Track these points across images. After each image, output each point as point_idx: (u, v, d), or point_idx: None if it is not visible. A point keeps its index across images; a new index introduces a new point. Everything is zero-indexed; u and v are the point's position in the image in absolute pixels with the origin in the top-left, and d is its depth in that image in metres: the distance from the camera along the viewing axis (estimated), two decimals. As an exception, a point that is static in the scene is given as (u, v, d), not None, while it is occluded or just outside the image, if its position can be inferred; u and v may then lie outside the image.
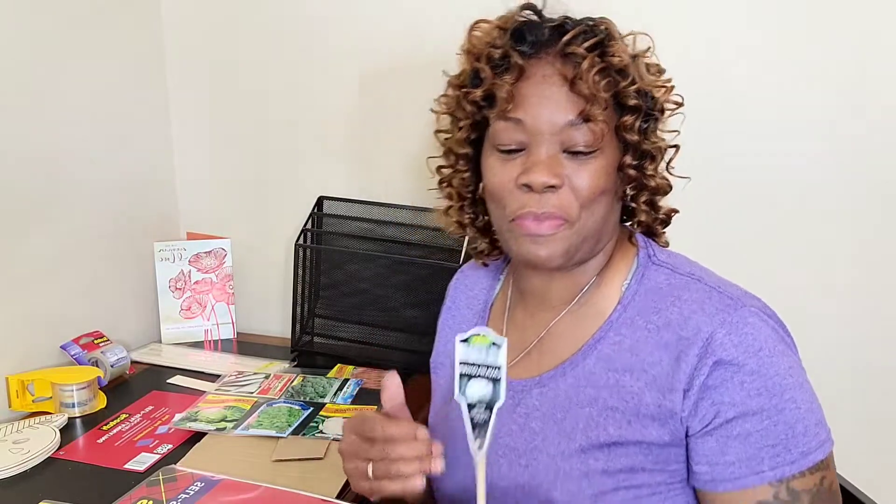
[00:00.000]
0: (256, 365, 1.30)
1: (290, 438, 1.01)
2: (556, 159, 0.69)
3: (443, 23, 1.26)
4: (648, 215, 0.77)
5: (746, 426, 0.65)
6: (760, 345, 0.66)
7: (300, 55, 1.37)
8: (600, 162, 0.69)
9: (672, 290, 0.72)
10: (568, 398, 0.73)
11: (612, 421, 0.69)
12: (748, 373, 0.65)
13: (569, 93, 0.68)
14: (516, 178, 0.69)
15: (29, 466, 0.94)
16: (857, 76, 1.10)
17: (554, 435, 0.72)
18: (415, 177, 1.35)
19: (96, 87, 1.27)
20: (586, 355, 0.73)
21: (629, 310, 0.73)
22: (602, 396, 0.71)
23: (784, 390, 0.66)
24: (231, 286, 1.47)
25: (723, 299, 0.69)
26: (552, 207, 0.68)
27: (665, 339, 0.69)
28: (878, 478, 0.93)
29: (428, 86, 1.29)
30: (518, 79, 0.69)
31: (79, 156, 1.25)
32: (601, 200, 0.70)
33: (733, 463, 0.66)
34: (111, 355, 1.21)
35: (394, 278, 1.30)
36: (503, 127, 0.70)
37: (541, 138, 0.69)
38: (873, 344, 1.17)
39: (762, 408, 0.65)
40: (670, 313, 0.70)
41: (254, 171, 1.47)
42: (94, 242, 1.30)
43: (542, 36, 0.70)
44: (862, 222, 1.14)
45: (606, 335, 0.73)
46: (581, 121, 0.67)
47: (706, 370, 0.66)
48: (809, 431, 0.66)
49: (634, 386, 0.69)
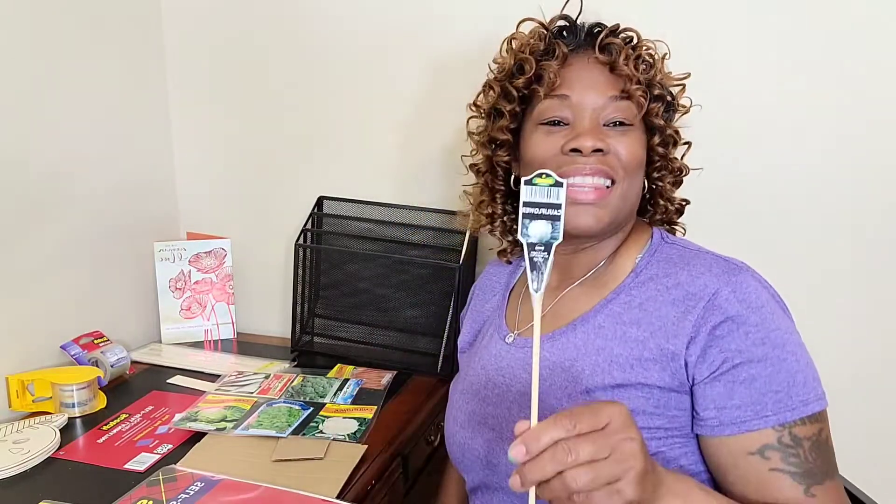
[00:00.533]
0: (256, 365, 1.30)
1: (290, 438, 1.01)
2: (601, 130, 0.78)
3: (444, 24, 1.27)
4: (668, 201, 0.87)
5: (752, 371, 0.70)
6: (762, 303, 0.72)
7: (300, 55, 1.37)
8: (635, 138, 0.79)
9: (682, 259, 0.79)
10: (576, 348, 0.79)
11: (616, 366, 0.75)
12: (752, 324, 0.71)
13: (609, 75, 0.79)
14: (562, 146, 0.77)
15: (29, 466, 0.94)
16: (860, 75, 1.10)
17: (561, 380, 0.77)
18: (415, 177, 1.35)
19: (96, 87, 1.28)
20: (597, 313, 0.80)
21: (641, 276, 0.80)
22: (609, 346, 0.77)
23: (785, 343, 0.71)
24: (231, 286, 1.48)
25: (728, 265, 0.76)
26: (601, 164, 0.76)
27: (673, 296, 0.76)
28: (879, 478, 0.93)
29: (428, 86, 1.30)
30: (562, 64, 0.80)
31: (79, 156, 1.25)
32: (638, 172, 0.80)
33: (739, 406, 0.70)
34: (111, 355, 1.21)
35: (394, 278, 1.30)
36: (549, 104, 0.80)
37: (584, 112, 0.78)
38: (876, 345, 1.17)
39: (766, 356, 0.70)
40: (680, 276, 0.77)
41: (254, 171, 1.47)
42: (94, 242, 1.30)
43: (581, 35, 0.84)
44: (864, 224, 1.14)
45: (618, 297, 0.80)
46: (621, 97, 0.78)
47: (713, 321, 0.71)
48: (808, 384, 0.70)
49: (639, 335, 0.76)
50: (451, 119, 1.28)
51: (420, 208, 1.32)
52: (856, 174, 1.13)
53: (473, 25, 1.24)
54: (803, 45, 1.11)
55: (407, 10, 1.28)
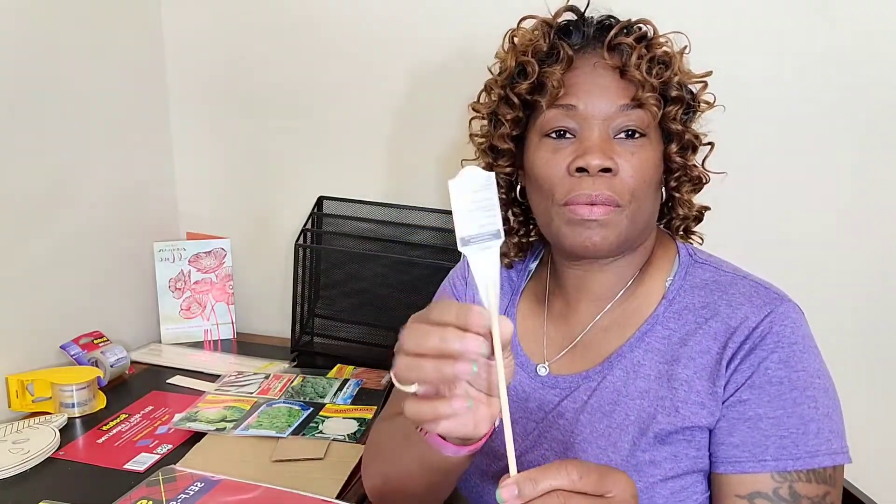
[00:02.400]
0: (256, 365, 1.30)
1: (290, 438, 1.01)
2: (610, 143, 0.70)
3: (444, 22, 1.27)
4: (687, 209, 0.79)
5: (759, 410, 0.65)
6: (796, 339, 0.67)
7: (300, 54, 1.37)
8: (648, 150, 0.71)
9: (718, 285, 0.73)
10: (616, 391, 0.73)
11: (661, 410, 0.70)
12: (776, 360, 0.66)
13: (619, 80, 0.71)
14: (569, 164, 0.70)
15: (29, 466, 0.94)
16: (868, 74, 1.10)
17: (603, 427, 0.72)
18: (415, 177, 1.35)
19: (96, 87, 1.27)
20: (633, 348, 0.74)
21: (675, 304, 0.74)
22: (652, 388, 0.71)
23: (807, 387, 0.66)
24: (231, 286, 1.47)
25: (769, 294, 0.70)
26: (606, 190, 0.69)
27: (714, 329, 0.70)
28: (879, 478, 0.93)
29: (429, 86, 1.30)
30: (567, 69, 0.72)
31: (79, 156, 1.25)
32: (649, 190, 0.72)
33: (737, 445, 0.66)
34: (111, 355, 1.21)
35: (394, 278, 1.30)
36: (554, 114, 0.72)
37: (593, 122, 0.70)
38: (878, 345, 1.17)
39: (780, 395, 0.65)
40: (718, 305, 0.71)
41: (254, 172, 1.47)
42: (94, 242, 1.30)
43: (589, 32, 0.74)
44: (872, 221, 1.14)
45: (653, 328, 0.74)
46: (632, 106, 0.70)
47: (742, 354, 0.67)
48: (822, 435, 0.65)
49: (683, 374, 0.70)
50: (452, 118, 1.28)
51: (420, 208, 1.32)
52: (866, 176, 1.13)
53: (475, 23, 1.23)
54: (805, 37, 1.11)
55: (407, 8, 1.28)
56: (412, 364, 0.53)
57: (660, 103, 0.71)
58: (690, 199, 0.78)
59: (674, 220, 0.80)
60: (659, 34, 0.75)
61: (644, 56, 0.71)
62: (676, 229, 0.81)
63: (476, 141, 0.84)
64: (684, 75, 0.74)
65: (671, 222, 0.81)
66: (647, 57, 0.71)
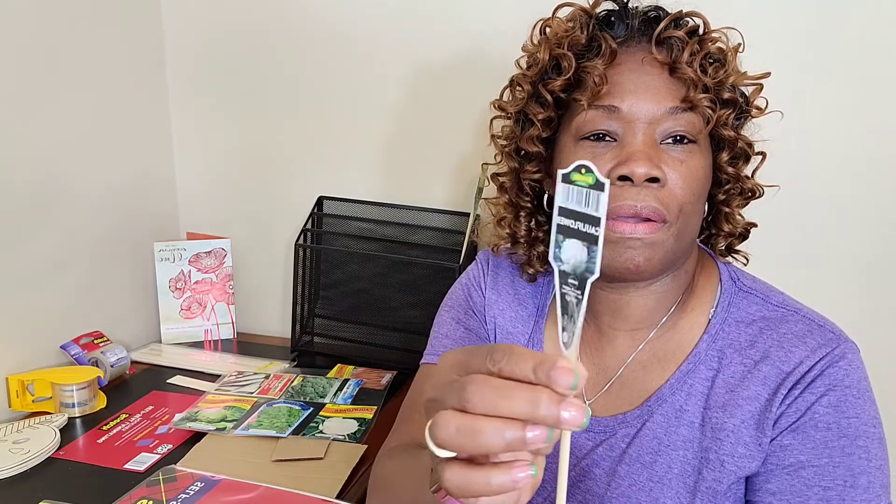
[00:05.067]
0: (256, 365, 1.30)
1: (290, 438, 1.01)
2: (657, 150, 0.62)
3: (445, 22, 1.27)
4: (734, 225, 0.70)
5: (801, 458, 0.60)
6: (851, 382, 0.61)
7: (300, 54, 1.37)
8: (699, 159, 0.63)
9: (768, 322, 0.66)
10: (657, 439, 0.66)
11: (706, 463, 0.64)
12: (825, 404, 0.60)
13: (669, 78, 0.63)
14: (610, 170, 0.61)
15: (29, 466, 0.94)
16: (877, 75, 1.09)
17: (644, 480, 0.66)
18: (415, 177, 1.35)
19: (96, 86, 1.27)
20: (675, 390, 0.67)
21: (718, 340, 0.67)
22: (695, 437, 0.65)
23: (859, 436, 0.60)
24: (231, 286, 1.48)
25: (824, 333, 0.64)
26: (653, 202, 0.60)
27: (764, 373, 0.64)
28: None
29: (429, 86, 1.30)
30: (609, 64, 0.63)
31: (79, 156, 1.25)
32: (698, 203, 0.64)
33: (774, 493, 0.60)
34: (111, 355, 1.21)
35: (394, 278, 1.30)
36: (593, 116, 0.63)
37: (638, 126, 0.62)
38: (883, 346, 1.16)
39: (827, 443, 0.59)
40: (769, 347, 0.64)
41: (254, 171, 1.47)
42: (94, 242, 1.30)
43: (634, 23, 0.65)
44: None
45: (696, 368, 0.67)
46: (683, 108, 0.62)
47: (790, 399, 0.62)
48: (872, 490, 0.59)
49: (730, 423, 0.64)
50: (452, 118, 1.28)
51: (420, 208, 1.32)
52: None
53: (477, 22, 1.23)
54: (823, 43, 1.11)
55: (407, 8, 1.28)
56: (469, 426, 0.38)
57: (714, 106, 0.63)
58: (739, 213, 0.70)
59: (717, 238, 0.72)
60: (711, 29, 0.66)
61: (697, 52, 0.62)
62: (719, 247, 0.73)
63: (499, 143, 0.75)
64: (739, 76, 0.66)
65: (713, 239, 0.73)
66: (700, 53, 0.63)
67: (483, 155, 1.26)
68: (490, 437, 0.37)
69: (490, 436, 0.37)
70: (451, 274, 1.23)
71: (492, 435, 0.37)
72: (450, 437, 0.38)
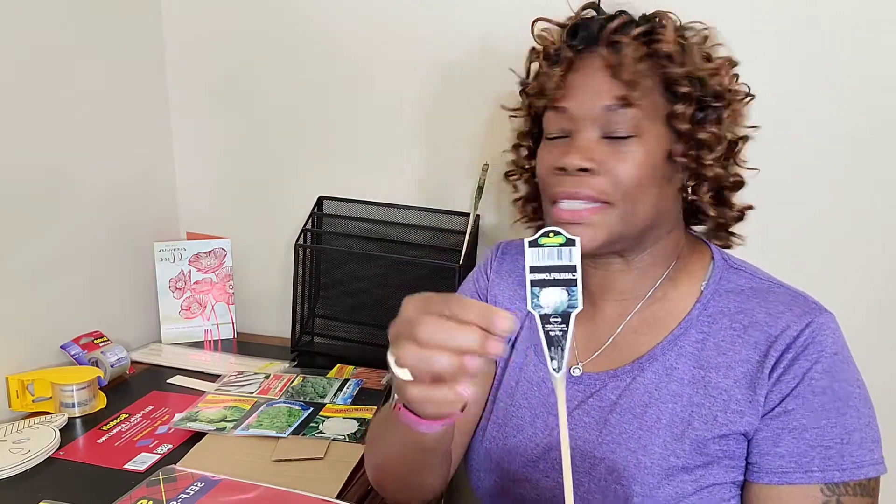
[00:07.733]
0: (256, 365, 1.30)
1: (290, 438, 1.01)
2: (593, 144, 0.70)
3: (446, 23, 1.27)
4: (718, 210, 0.76)
5: (804, 421, 0.65)
6: (837, 350, 0.67)
7: (300, 55, 1.37)
8: (642, 149, 0.69)
9: (755, 292, 0.72)
10: (648, 393, 0.72)
11: (697, 416, 0.69)
12: (819, 370, 0.66)
13: (611, 79, 0.69)
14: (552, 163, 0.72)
15: (29, 466, 0.94)
16: (874, 75, 1.09)
17: (634, 429, 0.71)
18: (415, 177, 1.35)
19: (96, 86, 1.27)
20: (666, 350, 0.73)
21: (709, 308, 0.73)
22: (687, 392, 0.70)
23: (850, 397, 0.66)
24: (231, 286, 1.48)
25: (807, 303, 0.70)
26: (587, 188, 0.69)
27: (754, 338, 0.69)
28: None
29: (429, 86, 1.30)
30: (567, 71, 0.72)
31: (79, 156, 1.25)
32: (647, 189, 0.70)
33: (783, 456, 0.65)
34: (111, 355, 1.21)
35: (394, 278, 1.30)
36: (550, 116, 0.74)
37: (582, 124, 0.70)
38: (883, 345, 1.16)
39: (823, 406, 0.65)
40: (757, 313, 0.70)
41: (254, 171, 1.47)
42: (94, 242, 1.30)
43: (593, 31, 0.73)
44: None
45: (687, 332, 0.73)
46: (619, 105, 0.68)
47: (785, 363, 0.67)
48: (865, 445, 0.65)
49: (723, 383, 0.69)
50: (452, 118, 1.28)
51: (420, 208, 1.32)
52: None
53: (476, 24, 1.23)
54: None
55: (408, 8, 1.28)
56: (425, 356, 0.51)
57: (664, 103, 0.70)
58: (710, 200, 0.75)
59: (707, 221, 0.78)
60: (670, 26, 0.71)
61: (639, 52, 0.69)
62: (711, 229, 0.79)
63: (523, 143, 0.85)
64: (695, 67, 0.70)
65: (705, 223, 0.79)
66: (642, 53, 0.69)
67: (483, 155, 1.26)
68: (441, 363, 0.51)
69: (440, 363, 0.51)
70: (451, 274, 1.22)
71: (442, 363, 0.51)
72: (409, 361, 0.52)
